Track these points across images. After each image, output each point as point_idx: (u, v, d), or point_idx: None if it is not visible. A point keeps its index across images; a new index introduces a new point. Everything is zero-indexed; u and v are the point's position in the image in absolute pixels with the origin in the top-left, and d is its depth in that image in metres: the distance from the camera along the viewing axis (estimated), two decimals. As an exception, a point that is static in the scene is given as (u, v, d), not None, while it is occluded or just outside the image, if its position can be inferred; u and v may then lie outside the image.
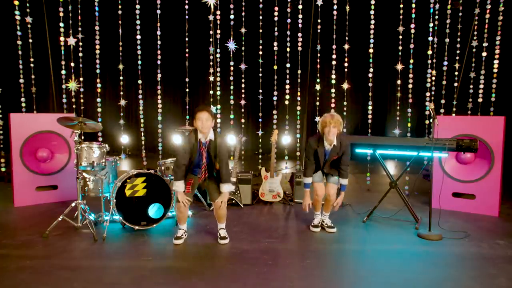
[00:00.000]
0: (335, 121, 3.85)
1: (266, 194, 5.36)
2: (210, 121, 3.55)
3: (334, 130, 3.85)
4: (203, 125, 3.52)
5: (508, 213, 4.88)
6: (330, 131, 3.85)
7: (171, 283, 2.91)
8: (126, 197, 3.97)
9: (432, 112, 4.00)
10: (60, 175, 5.30)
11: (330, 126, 3.84)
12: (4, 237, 3.85)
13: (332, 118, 3.86)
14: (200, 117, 3.52)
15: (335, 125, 3.85)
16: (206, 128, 3.55)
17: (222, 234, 3.81)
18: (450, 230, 4.15)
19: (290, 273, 3.08)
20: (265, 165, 5.82)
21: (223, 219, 3.82)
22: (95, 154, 4.08)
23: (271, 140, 5.26)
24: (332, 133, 3.86)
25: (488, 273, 3.11)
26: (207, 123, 3.53)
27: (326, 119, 3.89)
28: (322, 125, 3.93)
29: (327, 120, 3.88)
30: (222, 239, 3.77)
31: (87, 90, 6.71)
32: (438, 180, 4.75)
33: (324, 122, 3.90)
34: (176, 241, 3.73)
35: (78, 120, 3.92)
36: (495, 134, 4.69)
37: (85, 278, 2.96)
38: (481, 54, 5.96)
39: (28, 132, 5.05)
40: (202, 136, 3.60)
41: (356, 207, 5.15)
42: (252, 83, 6.65)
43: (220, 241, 3.76)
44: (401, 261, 3.36)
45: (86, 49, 6.31)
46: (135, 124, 9.04)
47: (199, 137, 3.60)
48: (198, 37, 6.71)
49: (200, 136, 3.60)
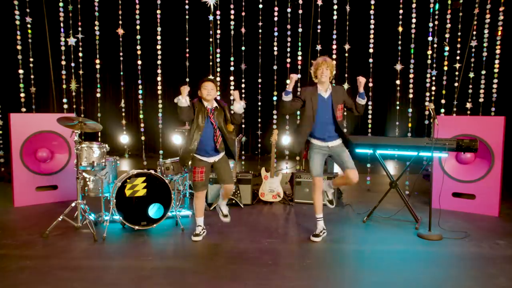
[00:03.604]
0: (328, 62, 3.74)
1: (266, 194, 5.36)
2: (215, 91, 3.73)
3: (327, 72, 3.72)
4: (208, 92, 3.67)
5: (508, 213, 4.88)
6: (323, 73, 3.71)
7: (171, 283, 2.91)
8: (126, 197, 3.97)
9: (432, 112, 4.00)
10: (60, 175, 5.30)
11: (323, 68, 3.71)
12: (4, 237, 3.85)
13: (324, 60, 3.75)
14: (206, 86, 3.67)
15: (328, 66, 3.73)
16: (211, 96, 3.69)
17: (225, 211, 3.98)
18: (450, 230, 4.15)
19: (290, 273, 3.08)
20: (265, 165, 5.83)
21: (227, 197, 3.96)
22: (95, 154, 4.08)
23: (271, 140, 5.26)
24: (325, 75, 3.72)
25: (488, 273, 3.11)
26: (212, 91, 3.69)
27: (318, 61, 3.77)
28: (315, 67, 3.78)
29: (319, 62, 3.75)
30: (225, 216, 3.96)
31: (87, 90, 6.71)
32: (438, 180, 4.75)
33: (317, 64, 3.76)
34: (195, 237, 3.83)
35: (78, 120, 3.92)
36: (495, 134, 4.69)
37: (85, 278, 2.96)
38: (481, 54, 5.96)
39: (28, 132, 5.05)
40: (208, 104, 3.73)
41: (356, 207, 5.15)
42: (252, 83, 6.64)
43: (223, 219, 3.95)
44: (401, 261, 3.35)
45: (86, 49, 6.30)
46: (135, 124, 9.03)
47: (206, 105, 3.72)
48: (198, 37, 6.71)
49: (206, 104, 3.73)
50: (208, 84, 3.68)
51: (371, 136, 5.53)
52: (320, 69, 3.73)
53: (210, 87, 3.67)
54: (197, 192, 3.85)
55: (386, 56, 7.05)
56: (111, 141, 8.73)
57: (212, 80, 3.73)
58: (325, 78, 3.73)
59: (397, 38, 6.12)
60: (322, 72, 3.71)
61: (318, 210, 3.92)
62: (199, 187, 3.82)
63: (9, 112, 5.11)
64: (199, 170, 3.78)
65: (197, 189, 3.83)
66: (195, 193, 3.87)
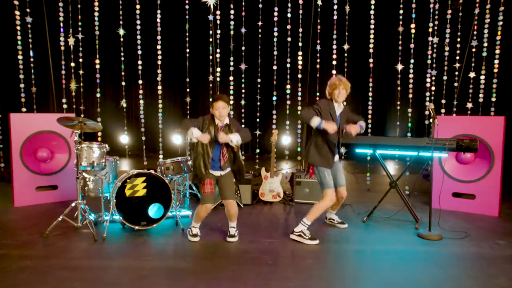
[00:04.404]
0: (344, 82, 3.79)
1: (266, 194, 5.36)
2: (227, 109, 3.69)
3: (343, 92, 3.78)
4: (220, 113, 3.64)
5: (508, 213, 4.88)
6: (340, 93, 3.76)
7: (171, 283, 2.91)
8: (126, 197, 3.97)
9: (432, 112, 4.01)
10: (60, 175, 5.30)
11: (339, 88, 3.75)
12: (4, 237, 3.85)
13: (340, 80, 3.78)
14: (217, 106, 3.63)
15: (345, 87, 3.78)
16: (223, 117, 3.68)
17: (231, 232, 3.87)
18: (450, 230, 4.15)
19: (290, 273, 3.08)
20: (265, 165, 5.82)
21: (234, 217, 3.86)
22: (95, 154, 4.08)
23: (271, 140, 5.26)
24: (342, 95, 3.78)
25: (488, 273, 3.11)
26: (224, 111, 3.65)
27: (334, 81, 3.80)
28: (332, 87, 3.81)
29: (336, 82, 3.78)
30: (230, 237, 3.84)
31: (87, 90, 6.71)
32: (438, 180, 4.75)
33: (334, 84, 3.79)
34: (193, 238, 3.84)
35: (78, 120, 3.92)
36: (495, 134, 4.69)
37: (85, 278, 2.96)
38: (481, 54, 5.96)
39: (28, 132, 5.05)
40: (219, 122, 3.71)
41: (356, 207, 5.15)
42: (252, 83, 6.64)
43: (227, 239, 3.83)
44: (401, 261, 3.36)
45: (86, 49, 6.31)
46: (136, 124, 9.04)
47: (217, 122, 3.69)
48: (198, 37, 6.71)
49: (217, 122, 3.70)
50: (220, 104, 3.61)
51: (371, 136, 5.53)
52: (337, 90, 3.79)
53: (222, 107, 3.61)
54: (205, 204, 3.69)
55: (386, 56, 7.05)
56: (111, 141, 8.76)
57: (224, 99, 3.64)
58: (341, 99, 3.82)
59: (397, 38, 6.12)
60: (339, 92, 3.79)
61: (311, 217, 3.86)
62: (207, 200, 3.68)
63: (9, 112, 5.11)
64: (208, 181, 3.66)
65: (205, 202, 3.68)
66: (203, 205, 3.70)
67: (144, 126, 6.62)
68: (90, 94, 7.23)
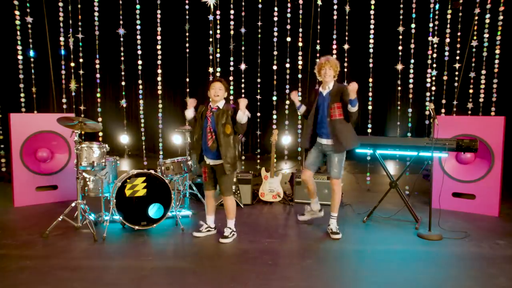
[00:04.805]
0: (331, 61, 3.81)
1: (266, 194, 5.36)
2: (223, 91, 3.64)
3: (330, 72, 3.80)
4: (215, 93, 3.61)
5: (508, 213, 4.88)
6: (326, 73, 3.79)
7: (171, 283, 2.92)
8: (126, 197, 3.97)
9: (432, 112, 4.01)
10: (60, 175, 5.30)
11: (326, 68, 3.79)
12: (4, 237, 3.85)
13: (327, 60, 3.82)
14: (214, 86, 3.62)
15: (331, 66, 3.79)
16: (218, 97, 3.62)
17: (225, 232, 3.83)
18: (450, 230, 4.15)
19: (290, 273, 3.08)
20: (265, 165, 5.82)
21: (230, 214, 3.84)
22: (95, 154, 4.07)
23: (271, 140, 5.26)
24: (328, 75, 3.80)
25: (488, 273, 3.11)
26: (220, 91, 3.62)
27: (321, 61, 3.85)
28: (318, 67, 3.88)
29: (322, 62, 3.83)
30: (223, 238, 3.78)
31: (87, 90, 6.70)
32: (438, 180, 4.75)
33: (320, 64, 3.85)
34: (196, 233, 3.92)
35: (78, 120, 3.92)
36: (495, 134, 4.69)
37: (85, 278, 2.96)
38: (481, 54, 5.96)
39: (28, 132, 5.05)
40: (213, 104, 3.68)
41: (356, 207, 5.15)
42: (252, 83, 6.64)
43: (220, 239, 3.77)
44: (401, 261, 3.35)
45: (86, 49, 6.31)
46: (135, 124, 9.04)
47: (210, 104, 3.69)
48: (198, 37, 6.71)
49: (211, 104, 3.69)
50: (216, 84, 3.62)
51: (371, 136, 5.53)
52: (323, 69, 3.82)
53: (218, 87, 3.61)
54: (204, 191, 3.94)
55: (386, 56, 7.05)
56: (111, 141, 8.75)
57: (221, 80, 3.66)
58: (328, 78, 3.82)
59: (397, 38, 6.12)
60: (325, 72, 3.81)
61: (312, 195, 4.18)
62: (205, 187, 3.92)
63: (9, 112, 5.11)
64: (203, 170, 3.86)
65: (204, 188, 3.95)
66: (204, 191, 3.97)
67: (144, 126, 6.62)
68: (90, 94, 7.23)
